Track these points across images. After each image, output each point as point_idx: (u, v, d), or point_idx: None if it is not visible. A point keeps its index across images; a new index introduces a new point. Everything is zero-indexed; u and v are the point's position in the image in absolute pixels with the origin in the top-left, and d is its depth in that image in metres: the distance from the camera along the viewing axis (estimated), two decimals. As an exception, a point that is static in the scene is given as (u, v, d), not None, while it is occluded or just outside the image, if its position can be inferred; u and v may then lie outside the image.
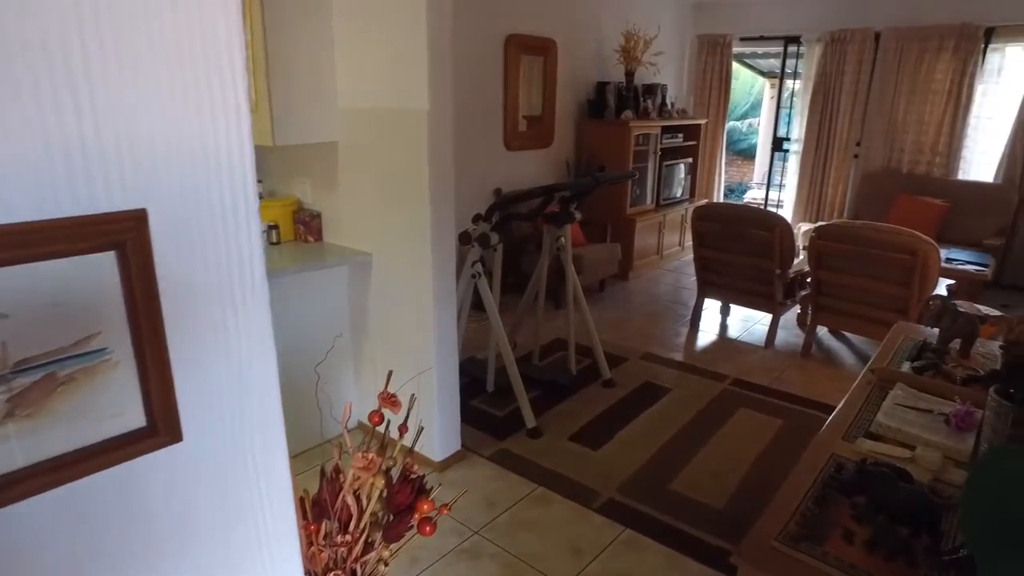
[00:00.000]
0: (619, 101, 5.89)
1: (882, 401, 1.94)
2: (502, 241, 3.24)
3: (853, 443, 1.71)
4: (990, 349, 2.35)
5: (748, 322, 5.01)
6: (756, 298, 4.56)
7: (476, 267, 3.25)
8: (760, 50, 7.67)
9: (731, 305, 5.12)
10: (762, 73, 10.35)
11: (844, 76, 6.50)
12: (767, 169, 7.75)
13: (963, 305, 4.69)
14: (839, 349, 4.55)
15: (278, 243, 3.18)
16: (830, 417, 1.92)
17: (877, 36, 6.29)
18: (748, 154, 13.36)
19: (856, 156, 6.63)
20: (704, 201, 7.17)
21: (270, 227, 3.15)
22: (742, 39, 7.20)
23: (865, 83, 6.43)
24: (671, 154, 6.50)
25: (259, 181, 3.39)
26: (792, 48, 6.94)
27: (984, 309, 4.47)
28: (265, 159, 3.39)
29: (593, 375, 3.94)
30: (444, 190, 2.69)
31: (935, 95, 6.15)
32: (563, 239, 3.65)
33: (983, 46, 5.90)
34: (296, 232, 3.26)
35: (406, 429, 1.52)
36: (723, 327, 4.96)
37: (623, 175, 3.75)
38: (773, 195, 7.68)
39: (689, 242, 5.86)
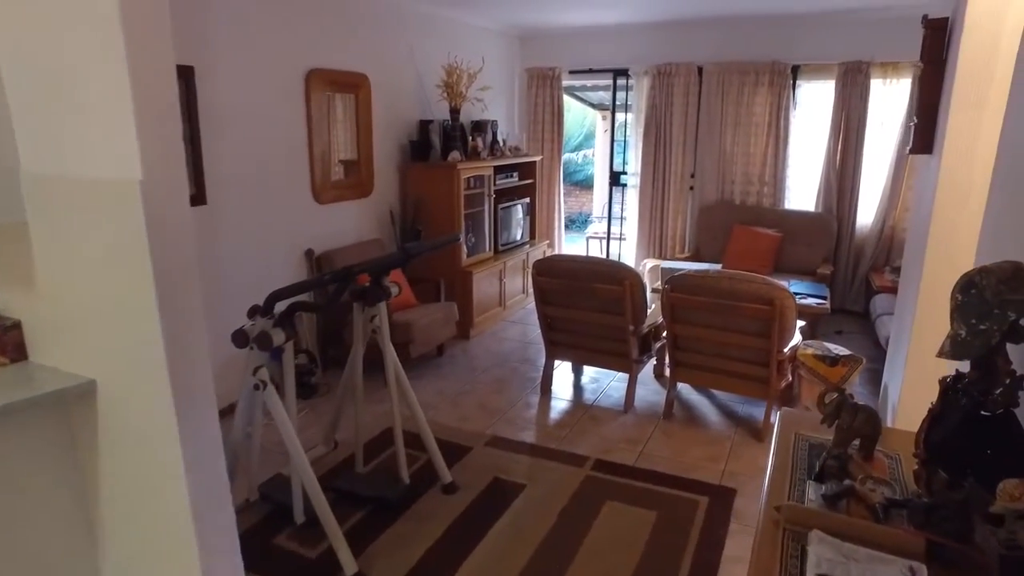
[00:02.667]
0: (445, 141, 5.31)
1: (800, 561, 1.42)
2: (292, 338, 2.46)
3: (786, 674, 1.15)
4: (890, 446, 1.94)
5: (603, 380, 4.55)
6: (610, 357, 4.11)
7: (260, 374, 2.45)
8: (590, 83, 7.49)
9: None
10: (593, 106, 10.34)
11: (673, 108, 6.40)
12: (606, 202, 7.55)
13: (813, 345, 4.56)
14: (701, 404, 4.19)
15: (-47, 369, 2.18)
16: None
17: (700, 70, 6.25)
18: (586, 184, 13.44)
19: (692, 188, 6.55)
20: (544, 243, 6.76)
21: (-65, 348, 2.14)
22: (571, 72, 6.95)
23: (694, 115, 6.37)
24: (507, 195, 6.02)
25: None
26: (621, 81, 6.78)
27: (834, 348, 4.34)
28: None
29: (430, 477, 3.24)
30: (180, 284, 1.89)
31: (757, 127, 6.20)
32: (377, 319, 2.94)
33: (792, 82, 6.03)
34: (-15, 349, 2.27)
35: None
36: (577, 389, 4.46)
37: (442, 241, 3.10)
38: (615, 228, 7.48)
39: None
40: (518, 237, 6.24)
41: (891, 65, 5.70)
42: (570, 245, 8.98)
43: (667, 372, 4.46)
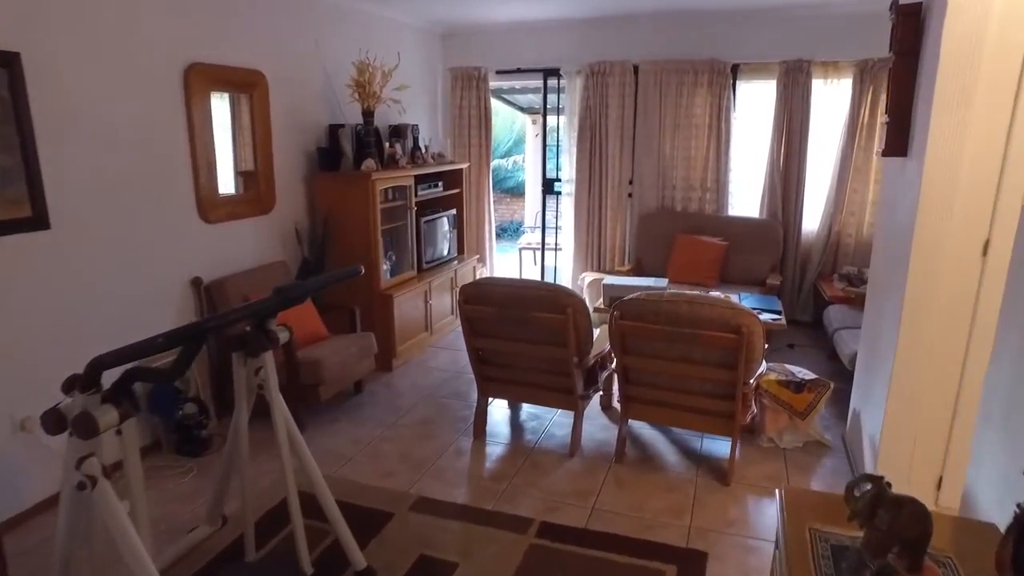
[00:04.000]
0: (358, 148, 4.67)
1: None
2: (131, 415, 1.81)
3: None
4: (942, 551, 1.46)
5: (544, 416, 4.01)
6: (552, 393, 3.58)
7: (87, 467, 1.79)
8: (518, 84, 6.98)
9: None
10: (522, 109, 9.86)
11: (609, 110, 5.96)
12: (539, 210, 7.06)
13: (776, 369, 4.16)
14: (656, 441, 3.71)
15: None
16: None
17: (636, 69, 5.85)
18: (517, 191, 12.96)
19: (630, 195, 6.13)
20: (474, 259, 6.20)
21: None
22: (498, 72, 6.42)
23: (630, 117, 5.95)
24: (431, 207, 5.44)
25: None
26: (552, 81, 6.30)
27: (798, 371, 3.95)
28: None
29: (340, 562, 2.62)
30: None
31: (697, 129, 5.84)
32: (264, 371, 2.32)
33: (732, 82, 5.70)
34: None
35: None
36: (515, 429, 3.90)
37: (336, 276, 2.44)
38: (550, 239, 7.00)
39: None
40: (445, 252, 5.66)
41: (832, 65, 5.45)
42: (502, 256, 8.46)
43: (616, 404, 3.99)
